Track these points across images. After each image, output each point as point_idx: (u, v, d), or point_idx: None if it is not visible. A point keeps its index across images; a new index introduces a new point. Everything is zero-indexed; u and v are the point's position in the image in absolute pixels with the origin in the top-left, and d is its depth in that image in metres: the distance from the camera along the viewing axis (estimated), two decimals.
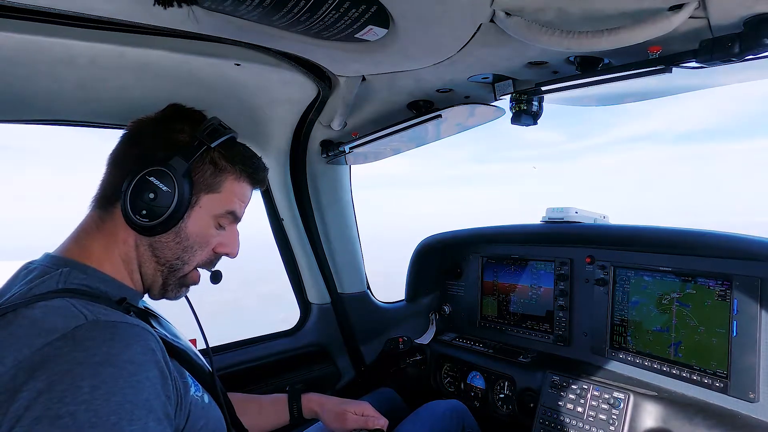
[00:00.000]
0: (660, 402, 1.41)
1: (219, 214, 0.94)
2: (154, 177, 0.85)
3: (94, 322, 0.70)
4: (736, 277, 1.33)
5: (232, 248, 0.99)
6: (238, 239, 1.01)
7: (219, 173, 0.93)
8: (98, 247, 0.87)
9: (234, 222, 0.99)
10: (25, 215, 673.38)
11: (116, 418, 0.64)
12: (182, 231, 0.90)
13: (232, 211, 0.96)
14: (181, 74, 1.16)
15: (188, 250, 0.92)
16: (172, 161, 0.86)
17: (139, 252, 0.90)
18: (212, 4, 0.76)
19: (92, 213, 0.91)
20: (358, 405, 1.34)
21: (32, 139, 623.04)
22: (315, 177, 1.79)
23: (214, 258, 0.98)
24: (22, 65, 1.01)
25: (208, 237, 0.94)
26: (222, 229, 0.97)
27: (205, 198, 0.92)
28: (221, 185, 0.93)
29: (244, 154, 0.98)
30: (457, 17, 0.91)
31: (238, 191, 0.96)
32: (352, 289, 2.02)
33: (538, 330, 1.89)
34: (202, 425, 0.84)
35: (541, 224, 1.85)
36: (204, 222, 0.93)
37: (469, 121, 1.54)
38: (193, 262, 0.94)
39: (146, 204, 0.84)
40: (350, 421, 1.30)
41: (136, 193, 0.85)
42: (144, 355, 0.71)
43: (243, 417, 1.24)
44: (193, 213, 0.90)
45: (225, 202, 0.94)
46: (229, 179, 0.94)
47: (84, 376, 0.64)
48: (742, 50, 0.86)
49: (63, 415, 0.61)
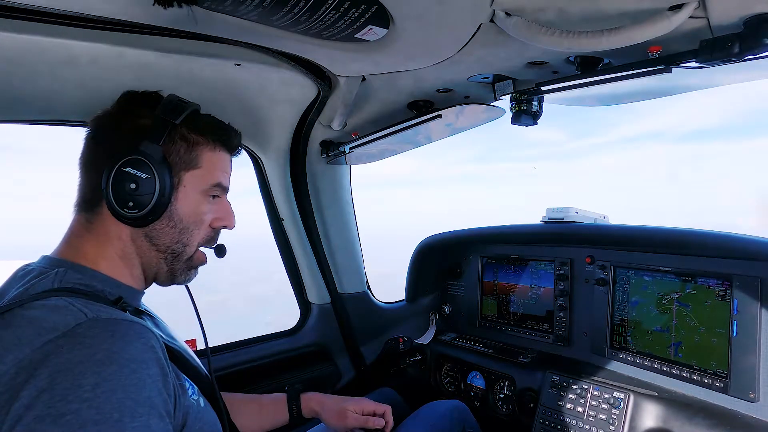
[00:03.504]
0: (660, 402, 1.41)
1: (206, 189, 0.93)
2: (130, 167, 0.83)
3: (95, 319, 0.70)
4: (736, 277, 1.33)
5: (228, 220, 0.99)
6: (232, 210, 1.00)
7: (193, 148, 0.91)
8: (91, 248, 0.87)
9: (223, 193, 0.98)
10: (27, 215, 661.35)
11: (119, 415, 0.64)
12: (174, 214, 0.89)
13: (218, 183, 0.95)
14: (181, 74, 1.16)
15: (185, 231, 0.91)
16: (143, 146, 0.84)
17: (137, 245, 0.89)
18: (212, 4, 0.76)
19: (78, 217, 0.90)
20: (357, 402, 1.33)
21: (32, 139, 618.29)
22: (315, 177, 1.79)
23: (213, 234, 0.98)
24: (22, 65, 1.01)
25: (202, 214, 0.93)
26: (213, 204, 0.96)
27: (187, 176, 0.91)
28: (199, 159, 0.92)
29: (212, 123, 0.96)
30: (457, 17, 0.91)
31: (218, 162, 0.95)
32: (352, 289, 2.02)
33: (538, 330, 1.89)
34: (197, 429, 0.84)
35: (541, 224, 1.85)
36: (193, 200, 0.92)
37: (469, 121, 1.54)
38: (193, 242, 0.94)
39: (130, 195, 0.83)
40: (351, 420, 1.29)
41: (118, 187, 0.83)
42: (145, 353, 0.71)
43: (242, 417, 1.23)
44: (179, 194, 0.90)
45: (208, 176, 0.93)
46: (204, 151, 0.93)
47: (85, 374, 0.64)
48: (742, 50, 0.86)
49: (65, 413, 0.61)
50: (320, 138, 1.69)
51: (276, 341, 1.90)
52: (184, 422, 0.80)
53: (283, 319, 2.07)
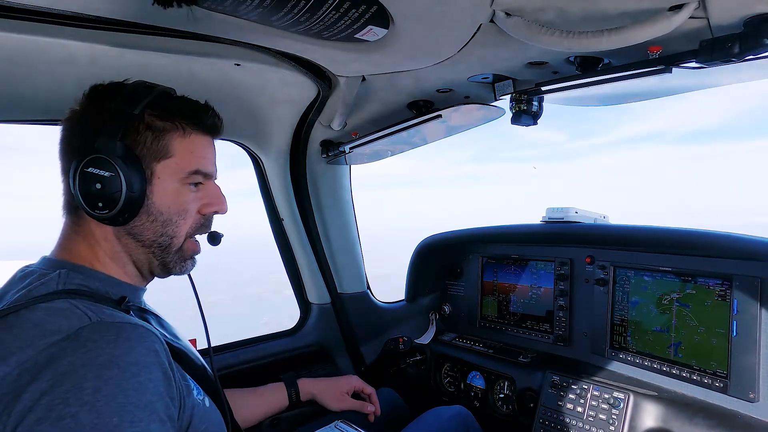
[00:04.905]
0: (660, 402, 1.41)
1: (183, 177, 0.88)
2: (92, 167, 0.80)
3: (98, 323, 0.70)
4: (736, 277, 1.33)
5: (218, 205, 0.94)
6: (221, 193, 0.95)
7: (161, 136, 0.85)
8: (84, 249, 0.87)
9: (207, 179, 0.93)
10: (27, 215, 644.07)
11: (118, 419, 0.64)
12: (152, 208, 0.85)
13: (196, 170, 0.89)
14: (181, 74, 1.16)
15: (169, 223, 0.87)
16: (99, 143, 0.80)
17: (123, 243, 0.88)
18: (212, 4, 0.76)
19: (66, 221, 0.89)
20: (348, 382, 1.54)
21: (32, 139, 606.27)
22: (315, 177, 1.79)
23: (204, 221, 0.94)
24: (21, 65, 1.01)
25: (184, 204, 0.89)
26: (197, 191, 0.91)
27: (159, 166, 0.85)
28: (170, 148, 0.86)
29: (181, 106, 0.89)
30: (457, 17, 0.91)
31: (192, 147, 0.89)
32: (352, 289, 2.02)
33: (538, 330, 1.89)
34: (203, 429, 0.84)
35: (541, 224, 1.85)
36: (170, 191, 0.87)
37: (469, 121, 1.54)
38: (180, 233, 0.89)
39: (97, 196, 0.80)
40: (347, 403, 1.48)
41: (84, 189, 0.80)
42: (147, 357, 0.71)
43: (245, 408, 1.29)
44: (155, 186, 0.85)
45: (183, 164, 0.87)
46: (175, 138, 0.86)
47: (87, 378, 0.64)
48: (742, 50, 0.86)
49: (65, 416, 0.61)
50: (320, 138, 1.69)
51: (276, 341, 1.90)
52: (189, 422, 0.80)
53: (279, 319, 2.06)
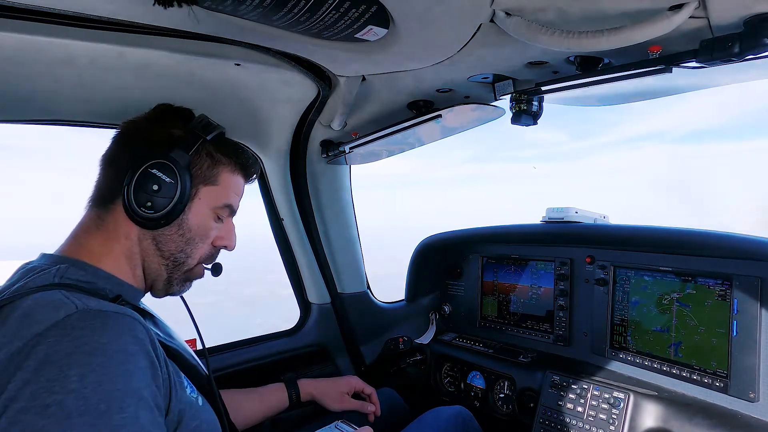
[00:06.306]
0: (660, 402, 1.41)
1: (217, 207, 0.97)
2: (157, 169, 0.88)
3: (84, 310, 0.70)
4: (736, 277, 1.33)
5: (229, 241, 1.02)
6: (235, 232, 1.04)
7: (215, 165, 0.96)
8: (98, 245, 0.88)
9: (231, 215, 1.03)
10: (28, 215, 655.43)
11: (105, 406, 0.63)
12: (184, 223, 0.93)
13: (229, 204, 1.00)
14: (181, 74, 1.16)
15: (191, 242, 0.95)
16: (173, 153, 0.89)
17: (142, 246, 0.91)
18: (212, 4, 0.76)
19: (90, 213, 0.92)
20: (348, 382, 1.53)
21: (32, 138, 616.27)
22: (315, 177, 1.79)
23: (213, 252, 1.02)
24: (22, 65, 1.01)
25: (208, 230, 0.97)
26: (220, 222, 1.00)
27: (204, 190, 0.95)
28: (218, 177, 0.97)
29: (236, 148, 1.02)
30: (457, 17, 0.91)
31: (234, 184, 1.00)
32: (352, 289, 2.02)
33: (538, 330, 1.89)
34: (195, 426, 0.84)
35: (541, 224, 1.85)
36: (204, 214, 0.95)
37: (469, 121, 1.54)
38: (195, 255, 0.97)
39: (150, 196, 0.87)
40: (347, 403, 1.49)
41: (140, 186, 0.87)
42: (134, 345, 0.71)
43: (245, 409, 1.29)
44: (193, 205, 0.93)
45: (222, 195, 0.98)
46: (225, 171, 0.98)
47: (72, 365, 0.64)
48: (742, 50, 0.86)
49: (50, 404, 0.60)
50: (320, 138, 1.69)
51: (276, 341, 1.90)
52: (180, 419, 0.80)
53: (273, 320, 2.07)
